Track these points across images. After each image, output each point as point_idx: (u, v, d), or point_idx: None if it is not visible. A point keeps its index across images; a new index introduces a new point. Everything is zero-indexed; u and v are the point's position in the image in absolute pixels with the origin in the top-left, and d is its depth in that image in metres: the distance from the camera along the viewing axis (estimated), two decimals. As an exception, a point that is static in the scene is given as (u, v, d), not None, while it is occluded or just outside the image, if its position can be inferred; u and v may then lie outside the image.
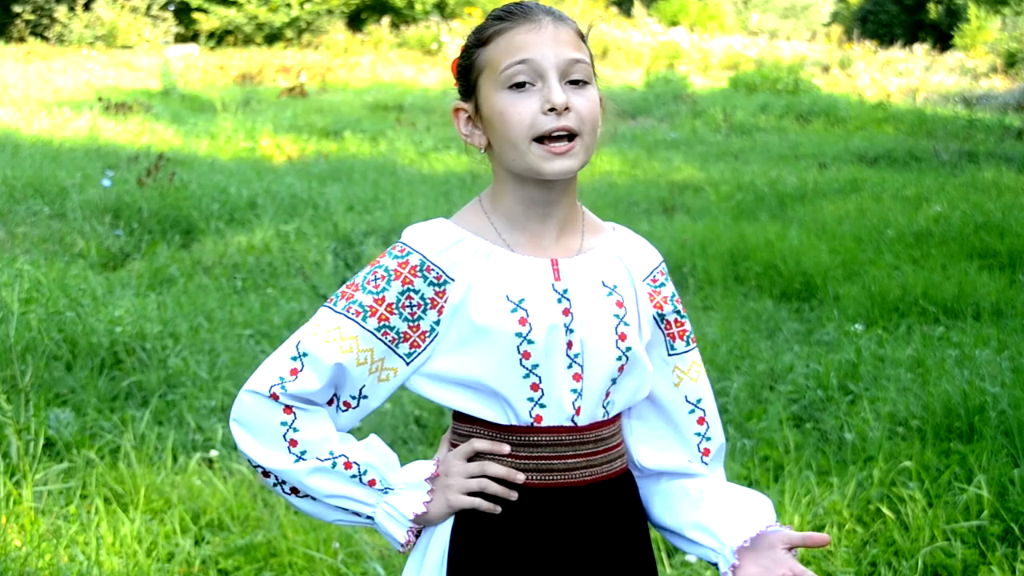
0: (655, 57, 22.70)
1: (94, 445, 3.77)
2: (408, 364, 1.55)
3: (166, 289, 5.86)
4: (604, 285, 1.57)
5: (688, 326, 1.66)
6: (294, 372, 1.52)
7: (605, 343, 1.54)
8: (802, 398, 4.34)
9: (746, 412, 4.17)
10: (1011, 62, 21.88)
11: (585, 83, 1.52)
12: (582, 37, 1.56)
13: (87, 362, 4.49)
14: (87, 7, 23.22)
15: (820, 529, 3.31)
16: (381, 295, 1.53)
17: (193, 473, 3.59)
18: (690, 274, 6.34)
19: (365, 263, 5.83)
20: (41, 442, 3.54)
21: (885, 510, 3.32)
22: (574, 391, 1.54)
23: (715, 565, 1.60)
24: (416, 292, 1.53)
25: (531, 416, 1.54)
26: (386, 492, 1.56)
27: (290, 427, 1.53)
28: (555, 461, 1.55)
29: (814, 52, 24.31)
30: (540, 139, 1.49)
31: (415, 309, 1.53)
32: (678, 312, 1.65)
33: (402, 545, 1.57)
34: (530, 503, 1.55)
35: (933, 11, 29.26)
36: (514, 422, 1.54)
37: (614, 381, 1.57)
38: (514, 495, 1.54)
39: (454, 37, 23.37)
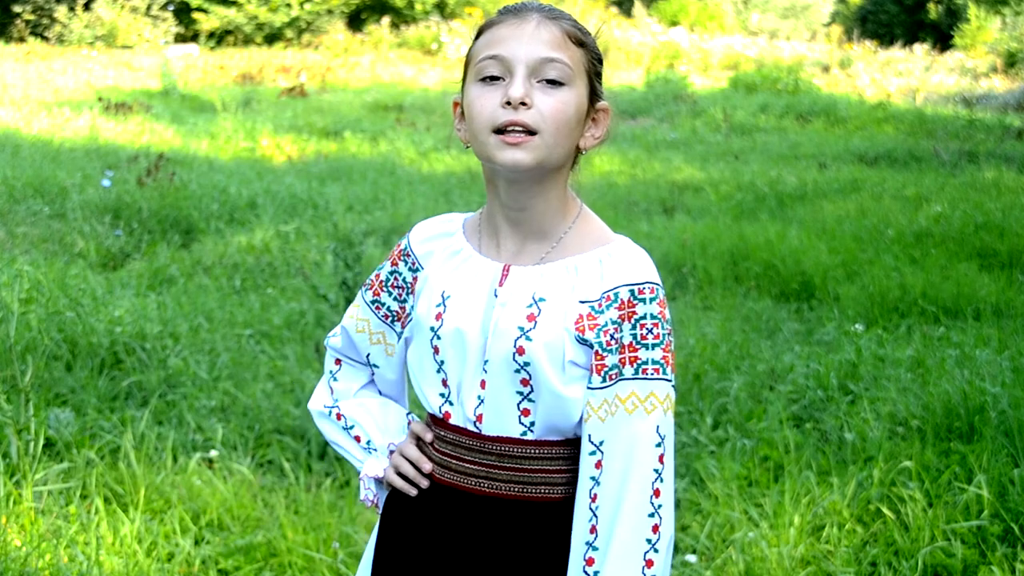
0: (655, 57, 22.71)
1: (94, 445, 3.77)
2: (399, 341, 1.68)
3: (166, 289, 5.86)
4: (533, 297, 1.52)
5: (613, 361, 1.48)
6: (338, 330, 1.76)
7: (503, 354, 1.51)
8: (802, 398, 4.34)
9: (746, 412, 4.17)
10: (1011, 62, 21.88)
11: (560, 84, 1.49)
12: (578, 41, 1.52)
13: (87, 362, 4.49)
14: (87, 7, 23.22)
15: (820, 529, 3.31)
16: (379, 272, 1.70)
17: (193, 473, 3.59)
18: (690, 274, 6.34)
19: (365, 263, 5.83)
20: (41, 442, 3.54)
21: (885, 510, 3.32)
22: (479, 398, 1.54)
23: None
24: (399, 275, 1.67)
25: (441, 411, 1.59)
26: (371, 451, 1.70)
27: (333, 375, 1.76)
28: (454, 461, 1.58)
29: (814, 52, 24.31)
30: (499, 131, 1.48)
31: (400, 291, 1.67)
32: (603, 344, 1.48)
33: (364, 501, 1.71)
34: (436, 496, 1.60)
35: (933, 11, 29.26)
36: (435, 413, 1.61)
37: (526, 397, 1.51)
38: (424, 482, 1.61)
39: (454, 37, 23.37)
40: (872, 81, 19.47)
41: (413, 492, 1.61)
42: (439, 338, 1.56)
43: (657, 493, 1.46)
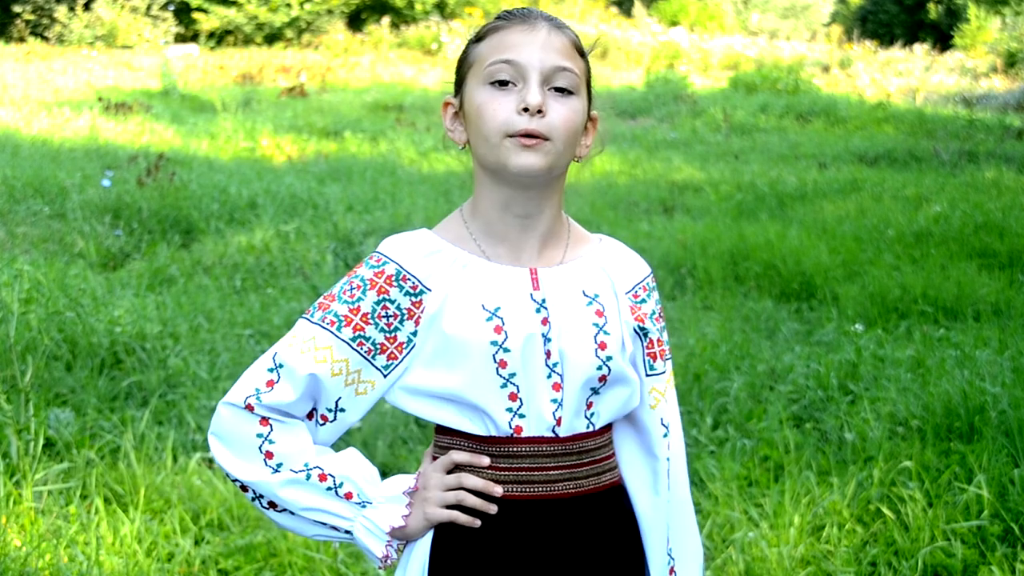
0: (655, 57, 22.70)
1: (94, 445, 3.77)
2: (386, 376, 1.54)
3: (166, 289, 5.86)
4: (585, 295, 1.55)
5: (667, 345, 1.66)
6: (270, 384, 1.51)
7: (584, 352, 1.52)
8: (802, 398, 4.33)
9: (746, 412, 4.17)
10: (1011, 62, 21.88)
11: (569, 93, 1.51)
12: (580, 52, 1.55)
13: (87, 362, 4.49)
14: (87, 7, 23.22)
15: (820, 529, 3.31)
16: (356, 305, 1.52)
17: (193, 473, 3.59)
18: (690, 274, 6.34)
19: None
20: (41, 442, 3.54)
21: (885, 510, 3.32)
22: (554, 401, 1.52)
23: None
24: (392, 302, 1.52)
25: (511, 427, 1.51)
26: (364, 506, 1.55)
27: (266, 439, 1.51)
28: (536, 473, 1.52)
29: (814, 52, 24.31)
30: (512, 136, 1.49)
31: (391, 319, 1.52)
32: (660, 330, 1.64)
33: (381, 560, 1.55)
34: (511, 516, 1.52)
35: (933, 11, 29.26)
36: (494, 433, 1.52)
37: (596, 391, 1.55)
38: (493, 508, 1.52)
39: (454, 37, 23.36)
40: (872, 81, 19.47)
41: (478, 523, 1.52)
42: (507, 351, 1.49)
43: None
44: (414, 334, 1.52)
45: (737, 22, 31.08)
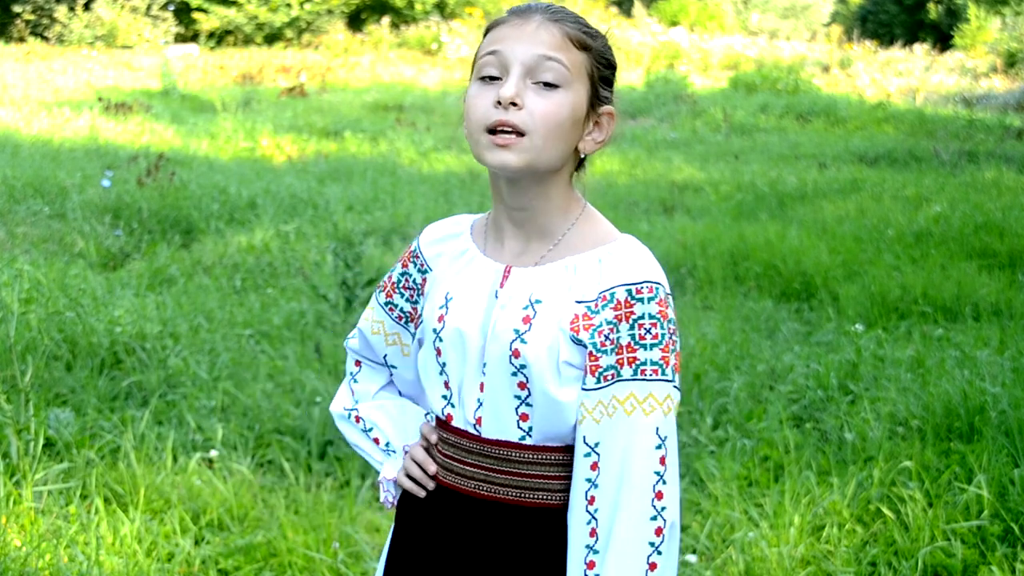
0: (655, 57, 22.71)
1: (94, 445, 3.76)
2: (413, 342, 1.67)
3: (166, 289, 5.86)
4: (529, 299, 1.50)
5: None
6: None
7: (501, 357, 1.49)
8: (802, 398, 4.34)
9: (746, 412, 4.17)
10: (1011, 62, 21.88)
11: (556, 86, 1.46)
12: (581, 44, 1.48)
13: (87, 362, 4.49)
14: (87, 7, 23.22)
15: (820, 529, 3.31)
16: (391, 274, 1.70)
17: (193, 473, 3.59)
18: (690, 274, 6.34)
19: (365, 263, 5.83)
20: (41, 442, 3.54)
21: (885, 510, 3.32)
22: (479, 400, 1.53)
23: None
24: (410, 276, 1.67)
25: (443, 413, 1.58)
26: (390, 454, 1.71)
27: (353, 377, 1.76)
28: (456, 464, 1.57)
29: (814, 52, 24.31)
30: (492, 131, 1.46)
31: (411, 292, 1.67)
32: (597, 345, 1.45)
33: (391, 505, 1.70)
34: (440, 498, 1.60)
35: (933, 11, 29.27)
36: (439, 415, 1.60)
37: (524, 401, 1.50)
38: (430, 483, 1.61)
39: (454, 37, 23.38)
40: (872, 81, 19.47)
41: (421, 494, 1.61)
42: (441, 340, 1.55)
43: (660, 495, 1.44)
44: (423, 308, 1.64)
45: (737, 22, 31.10)
